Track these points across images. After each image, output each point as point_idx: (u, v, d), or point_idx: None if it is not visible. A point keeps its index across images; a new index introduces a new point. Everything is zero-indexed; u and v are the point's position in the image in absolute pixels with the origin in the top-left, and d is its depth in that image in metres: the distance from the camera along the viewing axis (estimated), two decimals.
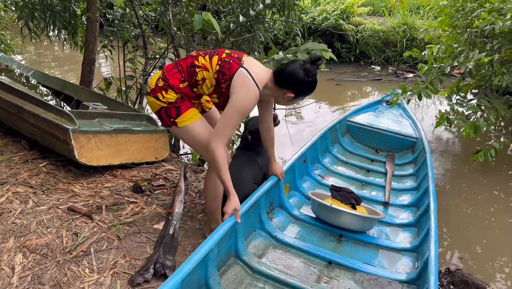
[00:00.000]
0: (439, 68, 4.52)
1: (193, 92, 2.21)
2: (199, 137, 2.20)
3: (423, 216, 2.63)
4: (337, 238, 2.52)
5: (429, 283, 1.73)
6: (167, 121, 2.19)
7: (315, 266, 2.19)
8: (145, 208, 2.77)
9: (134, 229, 2.54)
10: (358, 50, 9.95)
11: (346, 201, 2.61)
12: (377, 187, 3.35)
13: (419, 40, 9.29)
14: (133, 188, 2.96)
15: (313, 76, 2.09)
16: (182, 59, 2.23)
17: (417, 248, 2.36)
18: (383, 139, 4.13)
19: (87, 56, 5.22)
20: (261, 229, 2.37)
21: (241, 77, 2.04)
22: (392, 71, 9.49)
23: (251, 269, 2.03)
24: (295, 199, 2.90)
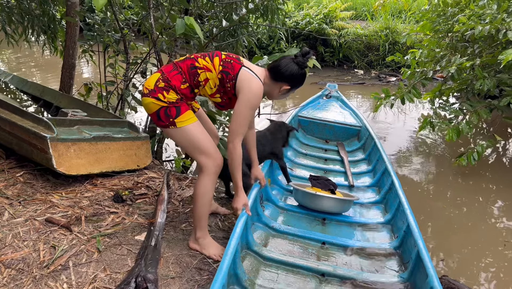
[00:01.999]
0: (421, 72, 4.55)
1: (192, 94, 2.25)
2: (196, 139, 2.20)
3: (388, 193, 3.02)
4: (321, 221, 2.83)
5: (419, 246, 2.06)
6: (166, 121, 2.17)
7: (312, 248, 2.48)
8: (126, 218, 2.69)
9: (115, 240, 2.45)
10: (341, 54, 10.01)
11: (326, 188, 2.93)
12: (338, 173, 3.74)
13: (401, 44, 9.39)
14: (114, 197, 2.88)
15: (305, 68, 2.26)
16: (180, 61, 2.24)
17: (390, 221, 2.74)
18: (331, 130, 4.55)
19: (66, 61, 5.09)
20: (259, 222, 2.61)
21: (246, 75, 2.16)
22: (375, 75, 9.57)
23: (263, 257, 2.29)
24: (277, 192, 3.16)
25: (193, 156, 2.26)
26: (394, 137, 5.73)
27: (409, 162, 4.92)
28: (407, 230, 2.34)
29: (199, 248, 2.39)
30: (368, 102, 7.61)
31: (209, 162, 2.22)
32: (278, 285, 2.11)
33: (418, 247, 2.08)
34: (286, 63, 2.25)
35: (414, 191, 4.18)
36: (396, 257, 2.37)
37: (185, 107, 2.19)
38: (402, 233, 2.41)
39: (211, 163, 2.22)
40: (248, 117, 2.18)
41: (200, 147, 2.21)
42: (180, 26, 2.99)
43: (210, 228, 2.69)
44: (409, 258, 2.21)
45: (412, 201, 2.62)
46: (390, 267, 2.30)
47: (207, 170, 2.23)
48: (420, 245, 2.08)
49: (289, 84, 2.27)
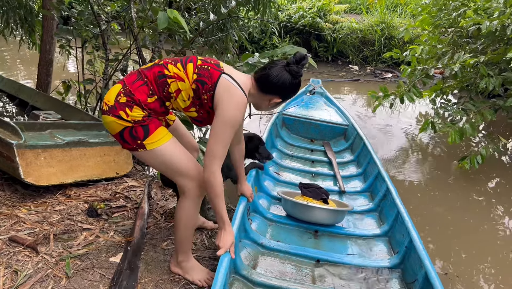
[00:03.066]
0: (422, 70, 4.31)
1: (162, 107, 1.90)
2: (172, 160, 1.88)
3: (383, 201, 2.81)
4: (313, 234, 2.60)
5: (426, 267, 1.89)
6: (132, 144, 1.84)
7: (306, 267, 2.26)
8: (100, 236, 2.43)
9: (87, 263, 2.19)
10: (335, 49, 9.79)
11: (317, 197, 2.71)
12: (327, 176, 3.51)
13: (398, 39, 9.18)
14: (88, 211, 2.61)
15: (299, 77, 1.91)
16: (146, 68, 1.89)
17: (387, 232, 2.54)
18: (316, 129, 4.34)
19: (43, 57, 4.79)
20: (246, 238, 2.37)
21: (226, 85, 1.81)
22: (370, 71, 9.35)
23: (252, 282, 2.05)
24: (264, 201, 2.90)
25: (173, 178, 1.96)
26: (390, 136, 5.52)
27: (407, 163, 4.70)
28: (410, 245, 2.16)
29: (181, 272, 2.14)
30: (363, 99, 7.38)
31: (191, 184, 1.93)
32: None
33: (426, 268, 1.91)
34: (277, 73, 1.88)
35: (413, 195, 3.97)
36: (398, 278, 2.17)
37: (154, 125, 1.86)
38: (404, 249, 2.22)
39: (193, 184, 1.93)
40: (228, 137, 1.82)
41: (179, 169, 1.90)
42: (162, 20, 2.72)
43: (195, 246, 2.44)
44: (413, 278, 2.03)
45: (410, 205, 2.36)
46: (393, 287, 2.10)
47: (189, 193, 1.95)
48: (428, 266, 1.91)
49: (280, 97, 1.94)
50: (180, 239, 2.06)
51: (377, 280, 2.17)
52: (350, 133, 4.19)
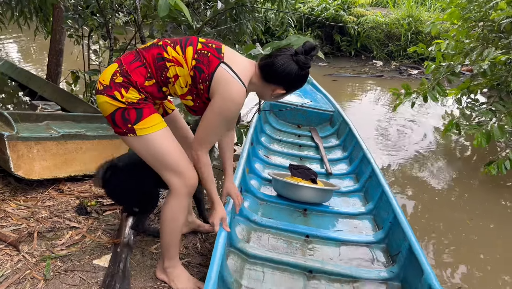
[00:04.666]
0: (448, 66, 4.02)
1: (160, 93, 1.79)
2: (162, 151, 1.75)
3: (368, 181, 2.95)
4: (302, 212, 2.71)
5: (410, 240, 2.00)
6: (123, 127, 1.72)
7: (296, 242, 2.37)
8: (87, 235, 2.30)
9: (68, 265, 2.06)
10: (359, 44, 9.46)
11: (307, 177, 2.83)
12: (314, 160, 3.64)
13: (425, 34, 8.80)
14: (77, 208, 2.48)
15: (307, 68, 1.76)
16: (144, 49, 1.76)
17: (372, 210, 2.68)
18: (303, 115, 4.45)
19: (53, 47, 4.73)
20: (239, 215, 2.44)
21: (224, 76, 1.68)
22: (395, 67, 9.00)
23: (247, 254, 2.15)
24: (255, 182, 3.01)
25: (159, 173, 1.82)
26: (412, 136, 5.24)
27: (428, 165, 4.43)
28: (394, 221, 2.28)
29: (167, 279, 1.98)
30: (386, 96, 7.07)
31: (179, 181, 1.79)
32: (265, 284, 1.99)
33: (410, 240, 2.00)
34: (283, 62, 1.73)
35: (432, 198, 3.73)
36: (383, 250, 2.30)
37: (149, 110, 1.74)
38: (388, 224, 2.34)
39: (182, 182, 1.80)
40: (219, 127, 1.76)
41: (168, 162, 1.77)
42: (163, 6, 2.55)
43: (186, 251, 2.29)
44: (397, 251, 2.14)
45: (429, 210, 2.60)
46: (376, 260, 2.23)
47: (176, 191, 1.81)
48: (411, 238, 2.01)
49: (285, 88, 1.79)
50: (166, 243, 1.92)
51: (363, 254, 2.29)
52: (336, 119, 4.34)
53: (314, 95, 4.81)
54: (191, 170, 1.81)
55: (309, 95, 4.78)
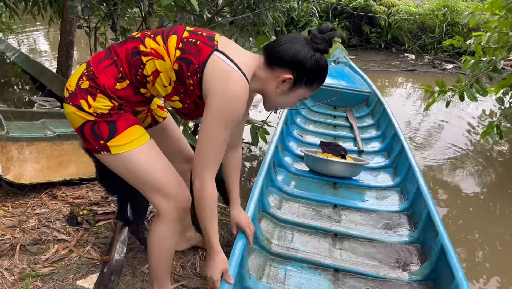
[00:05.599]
0: (489, 62, 3.61)
1: (138, 95, 1.48)
2: (145, 171, 1.47)
3: (397, 157, 3.11)
4: (332, 185, 2.90)
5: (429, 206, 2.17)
6: (94, 143, 1.44)
7: (324, 210, 2.56)
8: (74, 250, 2.09)
9: (49, 285, 1.86)
10: (390, 36, 9.02)
11: (336, 153, 3.02)
12: (347, 139, 3.81)
13: (462, 25, 8.26)
14: (68, 218, 2.28)
15: (322, 51, 1.43)
16: (119, 44, 1.48)
17: (399, 184, 2.84)
18: (339, 97, 4.47)
19: (63, 39, 4.57)
20: (272, 186, 2.67)
21: (219, 66, 1.37)
22: (428, 60, 8.52)
23: (277, 219, 2.36)
24: (288, 158, 3.21)
25: (143, 194, 1.55)
26: (446, 137, 4.85)
27: (462, 170, 4.06)
28: (417, 192, 2.44)
29: None
30: (418, 93, 6.65)
31: (168, 204, 1.53)
32: (294, 244, 2.18)
33: (428, 207, 2.16)
34: (291, 38, 1.43)
35: (465, 207, 3.45)
36: (406, 218, 2.46)
37: (125, 122, 1.45)
38: (412, 195, 2.50)
39: (171, 206, 1.53)
40: (223, 138, 1.41)
41: (152, 183, 1.50)
42: None
43: (183, 272, 2.05)
44: (419, 218, 2.29)
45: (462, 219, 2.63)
46: (400, 227, 2.38)
47: (164, 216, 1.55)
48: (430, 205, 2.17)
49: (291, 71, 1.42)
50: (155, 271, 1.68)
51: (388, 221, 2.45)
52: (371, 100, 4.45)
53: (351, 77, 4.87)
54: (182, 191, 1.55)
55: (346, 77, 4.86)
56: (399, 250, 2.16)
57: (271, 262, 2.03)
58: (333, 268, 2.01)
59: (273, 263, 2.04)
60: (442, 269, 1.81)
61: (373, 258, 2.11)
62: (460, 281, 1.60)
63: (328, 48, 1.44)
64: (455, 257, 1.73)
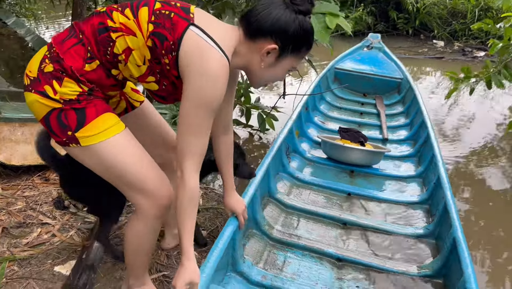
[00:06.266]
0: None
1: (110, 79, 1.34)
2: (120, 164, 1.33)
3: (422, 146, 2.98)
4: (349, 173, 2.80)
5: (446, 197, 2.03)
6: (61, 135, 1.28)
7: (337, 198, 2.46)
8: (57, 235, 2.02)
9: (25, 270, 1.79)
10: (418, 21, 8.63)
11: (355, 140, 2.90)
12: (373, 126, 3.69)
13: (496, 10, 7.79)
14: (55, 201, 2.21)
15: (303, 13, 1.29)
16: (83, 20, 1.32)
17: (422, 174, 2.70)
18: (369, 83, 4.41)
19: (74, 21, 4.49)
20: (283, 172, 2.58)
21: (196, 43, 1.23)
22: (458, 48, 8.10)
23: (284, 205, 2.28)
24: (305, 144, 3.14)
25: (120, 190, 1.41)
26: (474, 129, 4.56)
27: (489, 167, 3.78)
28: (437, 182, 2.29)
29: None
30: (446, 82, 6.32)
31: (147, 201, 1.39)
32: (298, 231, 2.10)
33: (446, 198, 2.04)
34: (268, 4, 1.28)
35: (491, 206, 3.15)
36: (424, 210, 2.33)
37: (95, 109, 1.29)
38: (432, 185, 2.37)
39: (150, 203, 1.39)
40: (204, 123, 1.27)
41: (129, 178, 1.35)
42: None
43: (167, 261, 1.94)
44: (436, 210, 2.17)
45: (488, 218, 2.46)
46: (416, 219, 2.27)
47: (143, 214, 1.41)
48: (447, 196, 2.04)
49: (275, 40, 1.28)
50: (130, 264, 1.56)
51: (405, 212, 2.33)
52: (403, 87, 4.27)
53: (384, 63, 4.66)
54: (162, 186, 1.40)
55: (379, 63, 4.66)
56: (411, 243, 2.04)
57: (270, 248, 1.96)
58: (336, 257, 1.91)
59: (272, 249, 1.96)
60: (453, 264, 1.68)
61: (381, 250, 2.00)
62: (468, 277, 1.47)
63: (311, 8, 1.30)
64: (467, 251, 1.60)
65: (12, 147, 2.40)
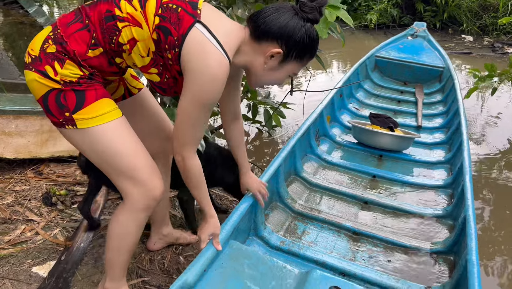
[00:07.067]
0: None
1: (113, 66, 1.39)
2: (114, 150, 1.37)
3: (454, 133, 3.11)
4: (377, 157, 2.96)
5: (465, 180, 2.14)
6: (58, 116, 1.33)
7: (361, 180, 2.64)
8: (40, 233, 2.02)
9: (3, 269, 1.84)
10: (446, 14, 8.44)
11: (385, 125, 3.06)
12: (409, 114, 3.87)
13: None
14: (44, 197, 2.17)
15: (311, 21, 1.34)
16: (91, 5, 1.36)
17: (450, 160, 2.84)
18: (410, 72, 4.54)
19: None
20: (311, 154, 2.78)
21: (199, 42, 1.27)
22: (488, 43, 7.89)
23: (309, 183, 2.47)
24: (336, 129, 3.34)
25: (110, 178, 1.45)
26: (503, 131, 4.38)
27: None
28: (461, 166, 2.43)
29: None
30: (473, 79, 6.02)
31: (137, 191, 1.42)
32: (319, 206, 2.31)
33: (464, 180, 2.18)
34: (277, 8, 1.34)
35: None
36: (447, 194, 2.47)
37: (95, 93, 1.34)
38: (456, 170, 2.52)
39: (141, 193, 1.42)
40: (200, 118, 1.36)
41: (121, 166, 1.39)
42: None
43: (149, 265, 1.90)
44: (456, 193, 2.33)
45: None
46: (437, 201, 2.41)
47: (131, 203, 1.44)
48: (466, 179, 2.17)
49: (280, 44, 1.33)
50: (111, 262, 1.62)
51: (427, 195, 2.45)
52: (445, 76, 4.38)
53: (427, 52, 4.75)
54: (153, 178, 1.44)
55: (422, 52, 4.75)
56: (429, 223, 2.19)
57: (292, 219, 2.19)
58: (353, 231, 2.10)
59: (293, 220, 2.19)
60: (462, 241, 1.81)
61: (398, 228, 2.18)
62: (470, 249, 1.60)
63: (319, 17, 1.37)
64: (474, 227, 1.75)
65: (5, 140, 2.45)
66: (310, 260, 1.87)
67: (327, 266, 1.84)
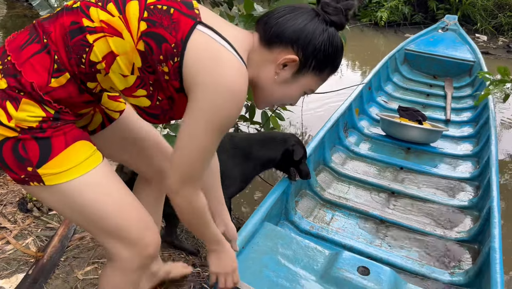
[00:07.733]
0: None
1: (84, 94, 1.06)
2: (97, 208, 1.06)
3: (483, 127, 3.18)
4: (405, 150, 3.06)
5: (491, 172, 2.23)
6: (19, 172, 1.00)
7: (389, 171, 2.75)
8: (11, 242, 1.89)
9: None
10: (460, 13, 8.23)
11: (413, 118, 3.13)
12: (438, 108, 3.96)
13: None
14: (19, 203, 2.06)
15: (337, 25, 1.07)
16: (47, 20, 1.03)
17: (477, 153, 2.91)
18: (440, 65, 4.59)
19: None
20: (339, 145, 2.89)
21: (209, 48, 0.99)
22: (503, 43, 7.73)
23: (337, 173, 2.60)
24: (364, 122, 3.44)
25: (94, 236, 1.23)
26: None
27: None
28: (488, 159, 2.52)
29: None
30: None
31: (128, 252, 1.13)
32: (347, 195, 2.42)
33: (490, 173, 2.25)
34: (294, 8, 1.08)
35: None
36: (473, 186, 2.55)
37: (65, 137, 1.02)
38: (483, 163, 2.61)
39: (132, 254, 1.14)
40: (214, 145, 1.06)
41: (106, 224, 1.10)
42: None
43: None
44: (483, 185, 2.41)
45: None
46: (464, 193, 2.48)
47: (122, 265, 1.16)
48: (492, 171, 2.25)
49: (296, 49, 1.04)
50: None
51: (453, 187, 2.53)
52: (475, 70, 4.42)
53: (458, 46, 4.84)
54: (147, 233, 1.16)
55: (452, 45, 4.83)
56: (455, 213, 2.27)
57: (320, 207, 2.32)
58: (379, 218, 2.22)
59: (322, 208, 2.32)
60: (487, 231, 1.90)
61: (424, 217, 2.27)
62: (493, 237, 1.69)
63: (345, 22, 1.09)
64: (498, 217, 1.83)
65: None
66: (338, 244, 2.00)
67: (355, 250, 1.94)
